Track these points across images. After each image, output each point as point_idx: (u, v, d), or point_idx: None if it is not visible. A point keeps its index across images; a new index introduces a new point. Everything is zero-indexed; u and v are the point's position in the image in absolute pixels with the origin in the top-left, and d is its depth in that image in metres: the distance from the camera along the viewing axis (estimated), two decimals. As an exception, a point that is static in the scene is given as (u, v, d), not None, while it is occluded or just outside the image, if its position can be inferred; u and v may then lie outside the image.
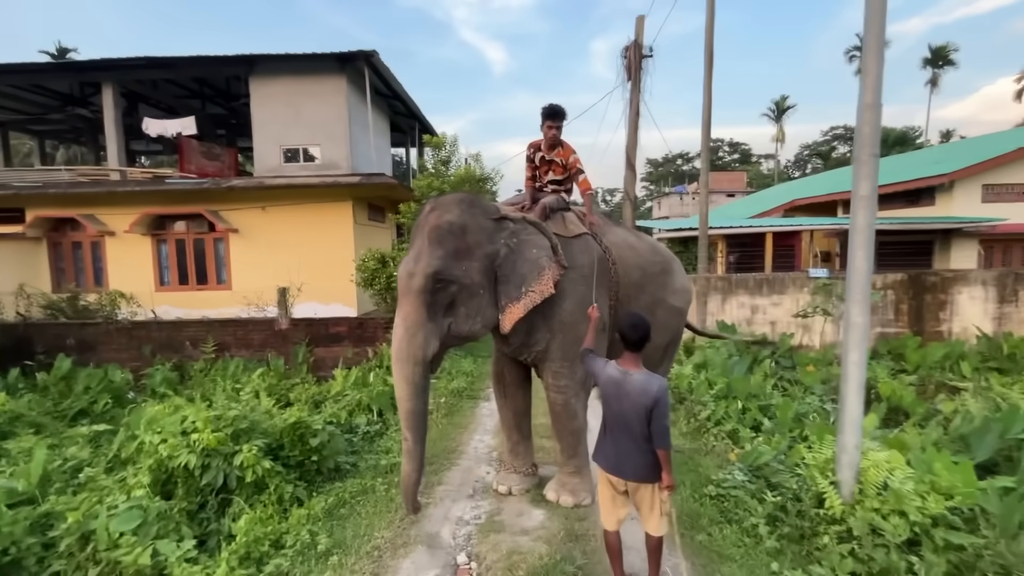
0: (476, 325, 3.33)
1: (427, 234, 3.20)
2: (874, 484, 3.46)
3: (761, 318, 11.44)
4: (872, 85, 3.32)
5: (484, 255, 3.30)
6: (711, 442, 5.61)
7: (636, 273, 3.98)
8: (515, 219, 3.51)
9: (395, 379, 3.19)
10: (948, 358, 9.43)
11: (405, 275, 3.18)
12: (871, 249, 3.43)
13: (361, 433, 5.54)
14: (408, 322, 3.14)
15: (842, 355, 3.61)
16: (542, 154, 4.02)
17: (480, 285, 3.29)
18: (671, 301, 4.37)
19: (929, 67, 38.47)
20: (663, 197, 48.83)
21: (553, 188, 4.08)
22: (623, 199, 11.13)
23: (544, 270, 3.35)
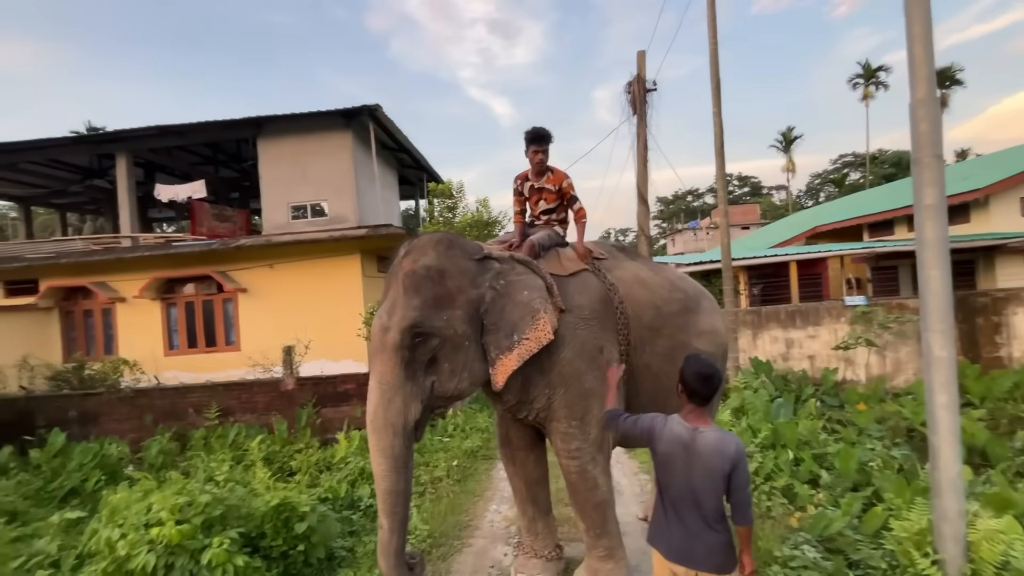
0: (463, 383, 2.84)
1: (401, 281, 2.76)
2: (991, 563, 2.73)
3: (798, 352, 10.60)
4: (924, 77, 2.86)
5: (467, 301, 2.84)
6: (764, 502, 4.84)
7: (649, 313, 3.37)
8: (501, 258, 3.06)
9: (371, 452, 2.72)
10: (1017, 387, 8.46)
11: (379, 330, 2.72)
12: (948, 267, 2.86)
13: (363, 508, 4.91)
14: (384, 384, 2.67)
15: (927, 398, 2.97)
16: (531, 183, 3.64)
17: (465, 336, 2.81)
18: (697, 344, 3.60)
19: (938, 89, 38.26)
20: (677, 234, 48.42)
21: (546, 219, 3.66)
22: (637, 236, 10.68)
23: (539, 313, 2.86)
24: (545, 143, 3.52)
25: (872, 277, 13.49)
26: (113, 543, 3.21)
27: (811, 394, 8.64)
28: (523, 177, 3.69)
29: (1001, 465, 5.47)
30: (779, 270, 13.25)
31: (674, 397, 3.73)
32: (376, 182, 12.67)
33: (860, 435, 6.95)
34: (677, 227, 52.30)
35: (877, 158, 46.55)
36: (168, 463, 7.23)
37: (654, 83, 9.80)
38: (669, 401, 3.53)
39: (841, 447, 5.62)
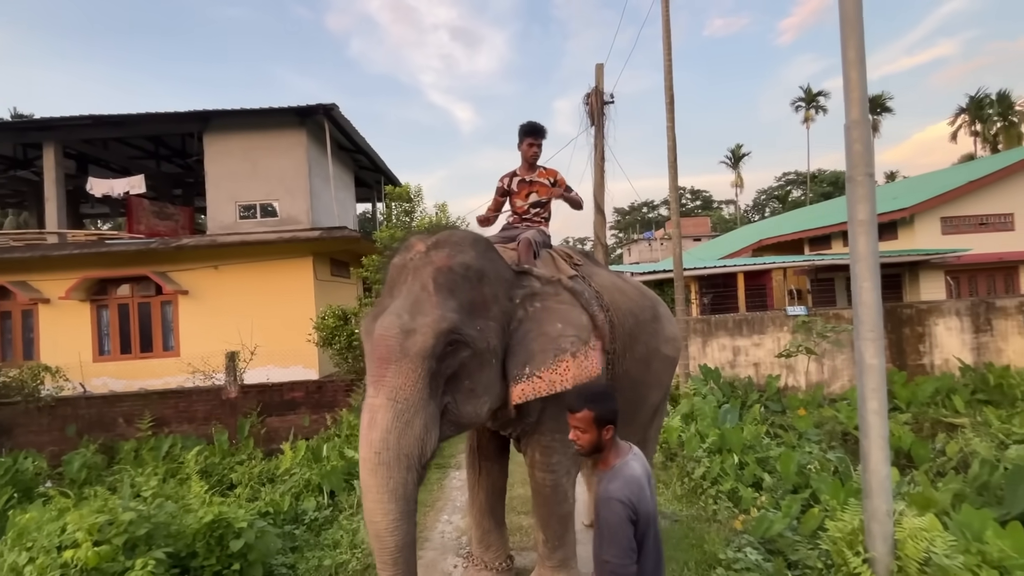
0: (483, 407, 2.42)
1: (431, 277, 2.32)
2: (915, 560, 2.88)
3: (744, 360, 11.04)
4: (858, 100, 3.03)
5: (501, 313, 2.50)
6: (710, 506, 4.95)
7: (630, 320, 3.32)
8: (543, 278, 2.75)
9: (372, 495, 2.05)
10: (938, 392, 9.12)
11: (397, 332, 2.17)
12: (877, 279, 3.02)
13: (308, 522, 4.70)
14: (401, 402, 2.10)
15: (859, 404, 3.11)
16: (520, 177, 3.56)
17: (495, 352, 2.43)
18: (665, 351, 3.71)
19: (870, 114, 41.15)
20: (632, 243, 49.68)
21: (535, 212, 3.59)
22: (594, 245, 10.86)
23: (564, 355, 2.47)
24: (541, 137, 3.48)
25: (812, 288, 14.26)
26: (20, 569, 2.91)
27: (756, 400, 9.00)
28: (511, 175, 3.61)
29: (924, 466, 5.85)
30: (728, 280, 13.80)
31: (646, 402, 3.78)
32: (331, 183, 12.32)
33: (800, 439, 7.29)
34: (633, 237, 53.66)
35: (816, 177, 49.49)
36: (92, 478, 6.70)
37: (611, 96, 10.02)
38: (642, 407, 3.66)
39: (782, 451, 5.86)
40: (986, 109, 33.22)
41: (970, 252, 13.60)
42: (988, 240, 14.29)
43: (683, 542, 4.10)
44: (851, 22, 3.04)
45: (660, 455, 6.43)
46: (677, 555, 3.82)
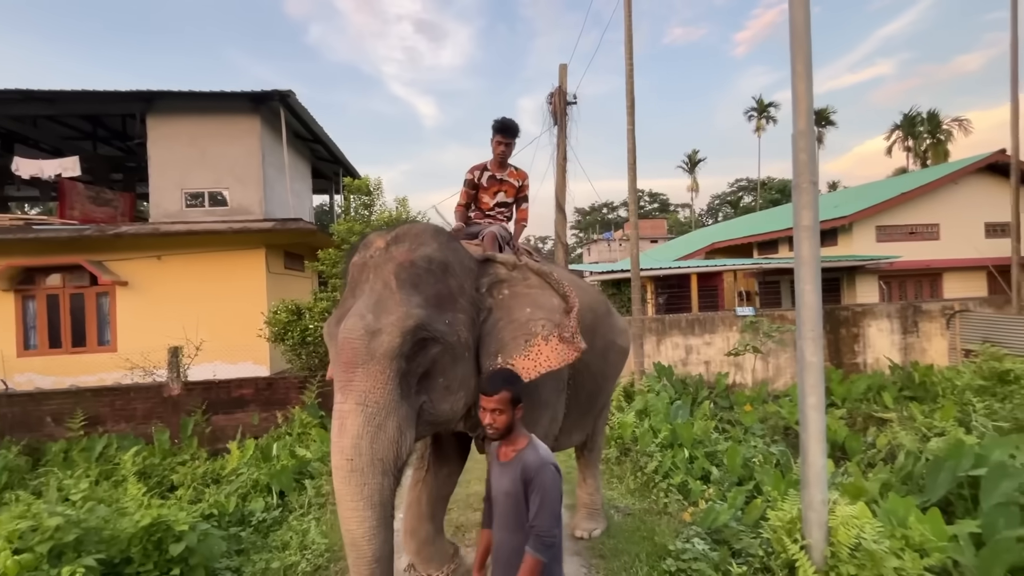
0: (459, 402, 2.34)
1: (393, 274, 2.25)
2: (846, 546, 3.07)
3: (695, 358, 11.44)
4: (804, 111, 3.18)
5: (470, 304, 2.45)
6: (661, 499, 5.12)
7: (589, 316, 3.37)
8: (507, 263, 2.72)
9: (346, 504, 1.97)
10: (870, 389, 9.75)
11: (362, 334, 2.08)
12: (818, 282, 3.20)
13: (255, 524, 4.53)
14: (371, 406, 2.02)
15: (799, 400, 3.29)
16: (491, 173, 3.52)
17: (466, 345, 2.36)
18: (619, 342, 3.93)
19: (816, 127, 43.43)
20: (592, 243, 50.50)
21: (499, 211, 3.58)
22: (555, 244, 10.97)
23: (535, 340, 2.40)
24: (511, 135, 3.42)
25: (760, 290, 14.93)
26: (-73, 580, 2.67)
27: (706, 396, 9.35)
28: (481, 168, 3.54)
29: (856, 458, 6.24)
30: (682, 281, 14.25)
31: (603, 393, 3.89)
32: (286, 173, 11.89)
33: (746, 434, 7.64)
34: (593, 237, 54.55)
35: (766, 184, 51.84)
36: (14, 482, 6.21)
37: (574, 96, 10.14)
38: (599, 398, 3.79)
39: (729, 445, 6.11)
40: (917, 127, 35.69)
41: (901, 259, 14.60)
42: (917, 248, 15.37)
43: (635, 535, 4.22)
44: (800, 37, 3.19)
45: (615, 450, 6.59)
46: (629, 548, 3.93)
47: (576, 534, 4.20)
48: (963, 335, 12.45)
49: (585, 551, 3.95)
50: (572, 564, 3.80)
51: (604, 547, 3.97)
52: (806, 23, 3.20)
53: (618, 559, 3.77)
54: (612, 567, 3.67)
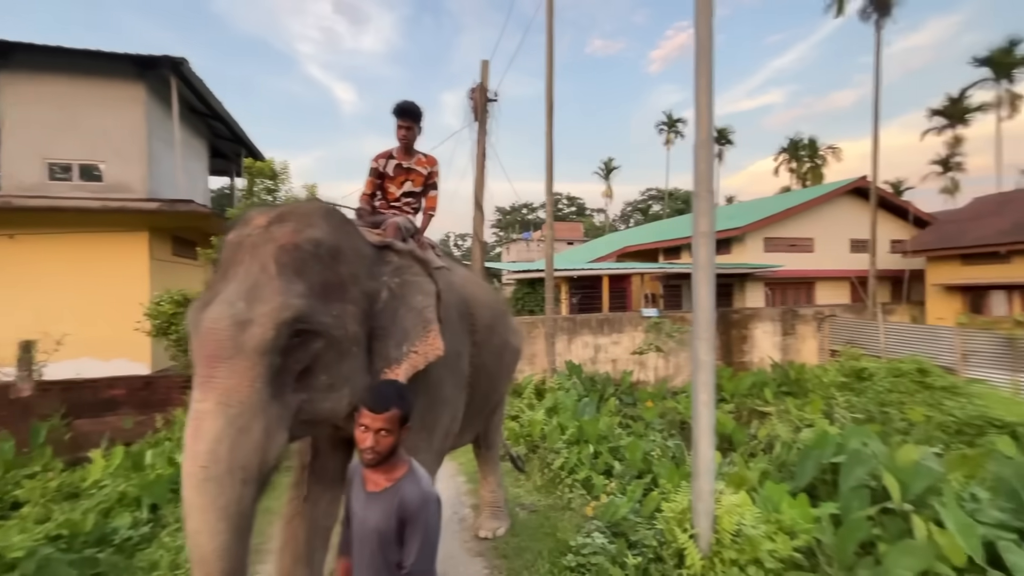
0: (342, 401, 2.14)
1: (273, 257, 1.99)
2: (729, 532, 3.30)
3: (604, 356, 11.92)
4: (704, 124, 3.37)
5: (363, 295, 2.24)
6: (567, 495, 5.22)
7: (487, 313, 3.41)
8: (400, 250, 2.57)
9: (195, 515, 1.73)
10: (755, 386, 10.72)
11: (229, 324, 1.85)
12: (713, 285, 3.40)
13: (118, 543, 3.98)
14: (234, 406, 1.80)
15: (692, 396, 3.48)
16: (397, 162, 3.29)
17: (356, 340, 2.16)
18: (513, 342, 3.94)
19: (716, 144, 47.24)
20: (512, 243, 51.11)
21: (405, 202, 3.38)
22: (473, 241, 10.90)
23: (431, 324, 2.40)
24: (412, 119, 3.20)
25: (664, 293, 15.91)
26: None
27: (612, 393, 9.75)
28: (386, 156, 3.31)
29: (741, 448, 6.78)
30: (595, 283, 14.81)
31: (496, 393, 3.84)
32: (176, 149, 10.70)
33: (647, 428, 8.05)
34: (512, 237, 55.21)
35: (673, 194, 55.55)
36: None
37: (495, 94, 10.13)
38: (492, 398, 3.70)
39: (631, 440, 6.39)
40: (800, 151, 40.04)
41: (783, 268, 16.26)
42: (796, 259, 17.21)
43: (539, 532, 4.26)
44: (704, 54, 3.37)
45: (524, 447, 6.64)
46: (532, 545, 3.96)
47: (480, 534, 4.16)
48: (830, 337, 14.12)
49: (488, 551, 3.91)
50: (475, 565, 3.75)
51: (507, 546, 3.96)
52: (709, 42, 3.39)
53: (520, 557, 3.77)
54: (514, 566, 3.67)
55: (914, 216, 18.98)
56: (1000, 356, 10.35)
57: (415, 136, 3.27)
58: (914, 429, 7.54)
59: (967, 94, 30.53)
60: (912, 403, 8.39)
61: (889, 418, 8.12)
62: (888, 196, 18.96)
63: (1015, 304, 14.20)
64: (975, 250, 15.14)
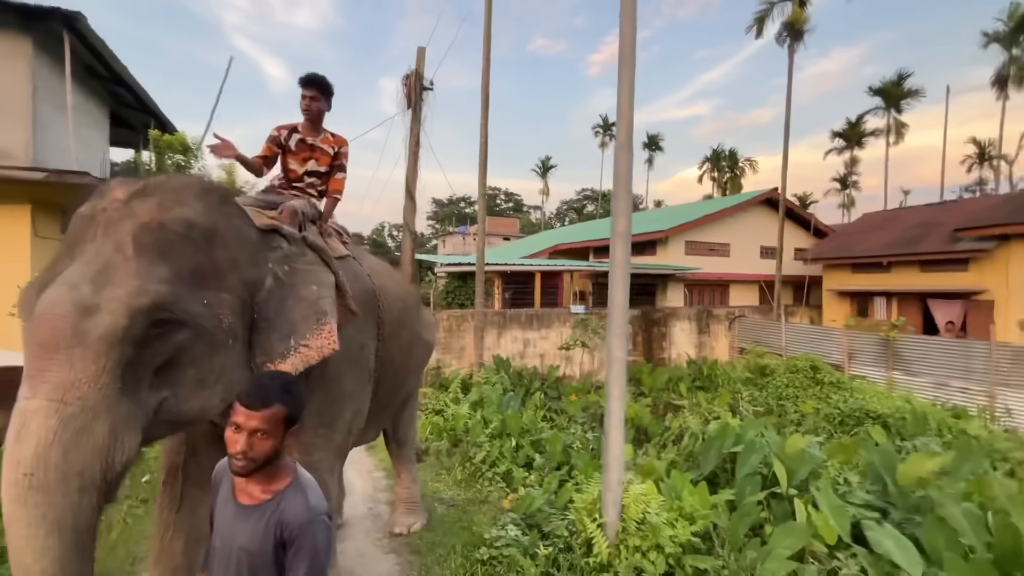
0: (213, 399, 1.94)
1: (131, 236, 1.75)
2: (635, 520, 3.45)
3: (532, 351, 12.11)
4: (625, 127, 3.48)
5: (243, 283, 2.03)
6: (486, 488, 5.26)
7: (398, 306, 3.30)
8: (290, 236, 2.36)
9: (19, 530, 1.49)
10: (671, 380, 11.35)
11: (69, 310, 1.61)
12: (627, 284, 3.53)
13: None
14: (71, 404, 1.56)
15: (606, 391, 3.60)
16: (301, 136, 3.02)
17: (232, 332, 1.95)
18: (425, 336, 3.87)
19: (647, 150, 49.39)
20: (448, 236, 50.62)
21: (308, 183, 3.09)
22: (403, 231, 10.64)
23: (325, 317, 2.21)
24: (318, 89, 2.96)
25: (593, 291, 16.41)
26: None
27: (538, 388, 9.92)
28: (290, 128, 3.04)
29: (654, 440, 7.14)
30: (528, 278, 14.99)
31: (403, 388, 3.69)
32: (69, 114, 9.56)
33: (569, 422, 8.28)
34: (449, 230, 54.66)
35: (607, 195, 57.37)
36: None
37: (431, 83, 9.91)
38: (399, 394, 3.59)
39: (552, 433, 6.53)
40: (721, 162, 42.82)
41: (701, 270, 17.30)
42: (713, 262, 18.38)
43: (455, 526, 4.25)
44: (627, 59, 3.48)
45: (447, 441, 6.61)
46: (446, 540, 3.94)
47: (395, 531, 4.09)
48: (740, 336, 15.22)
49: (401, 547, 3.85)
50: (386, 562, 3.68)
51: (421, 542, 3.92)
52: (632, 47, 3.50)
53: (433, 552, 3.75)
54: (426, 561, 3.64)
55: (815, 227, 20.88)
56: (879, 355, 11.64)
57: (322, 110, 3.04)
58: (805, 420, 8.31)
59: (863, 120, 34.03)
60: (805, 397, 9.24)
61: (785, 410, 8.90)
62: (794, 208, 20.70)
63: (893, 309, 16.03)
64: (863, 260, 16.91)
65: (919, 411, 7.71)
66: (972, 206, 16.94)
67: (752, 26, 17.78)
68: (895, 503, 3.89)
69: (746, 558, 3.34)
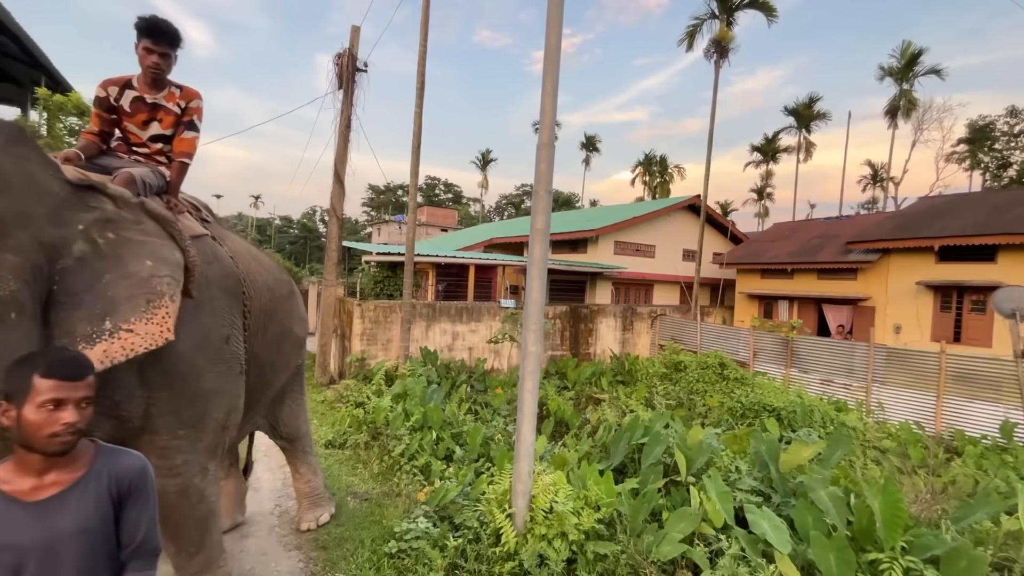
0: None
1: None
2: (543, 509, 3.57)
3: (461, 344, 12.09)
4: (547, 127, 3.55)
5: (34, 243, 1.70)
6: (403, 481, 5.21)
7: (266, 295, 3.02)
8: (120, 198, 2.01)
9: None
10: (594, 375, 11.76)
11: None
12: (544, 280, 3.62)
13: None
14: None
15: (519, 384, 3.68)
16: (137, 94, 2.56)
17: (14, 303, 1.60)
18: (297, 331, 3.59)
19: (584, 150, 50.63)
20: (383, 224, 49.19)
21: (157, 148, 2.66)
22: (330, 216, 10.22)
23: (161, 300, 1.91)
24: (166, 41, 2.49)
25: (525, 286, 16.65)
26: None
27: (464, 380, 9.93)
28: (122, 83, 2.55)
29: (573, 431, 7.39)
30: (462, 271, 14.93)
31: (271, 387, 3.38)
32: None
33: (494, 415, 8.36)
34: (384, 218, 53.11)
35: (544, 192, 58.19)
36: None
37: (365, 64, 9.58)
38: (267, 392, 3.36)
39: (473, 426, 6.57)
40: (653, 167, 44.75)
41: (628, 270, 18.04)
42: (639, 262, 19.22)
43: (366, 520, 4.18)
44: (551, 59, 3.55)
45: (365, 434, 6.46)
46: (355, 533, 3.88)
47: (302, 527, 3.96)
48: (660, 333, 16.05)
49: (306, 543, 3.74)
50: (290, 560, 3.56)
51: (328, 537, 3.83)
52: (557, 47, 3.57)
53: (341, 547, 3.67)
54: (332, 557, 3.56)
55: (732, 234, 22.40)
56: (779, 354, 12.73)
57: (170, 67, 2.57)
58: (711, 413, 8.93)
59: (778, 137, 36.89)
60: (712, 391, 9.92)
61: (694, 404, 9.51)
62: (715, 215, 22.08)
63: (794, 312, 17.59)
64: (770, 266, 18.39)
65: (807, 405, 8.52)
66: (863, 221, 18.88)
67: (683, 39, 18.67)
68: (776, 488, 4.29)
69: (643, 542, 3.55)
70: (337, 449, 6.23)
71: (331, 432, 6.57)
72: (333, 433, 6.54)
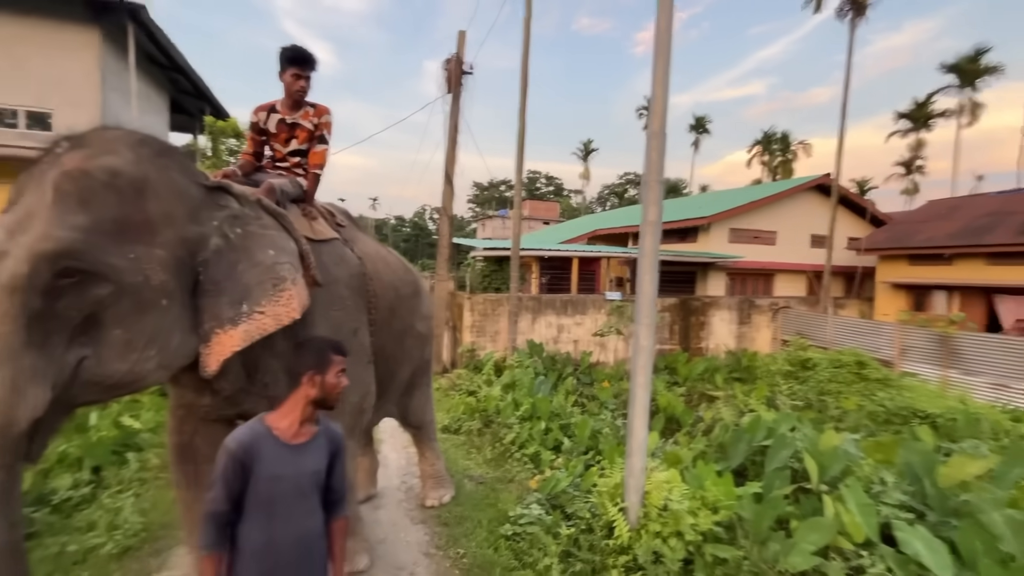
0: (147, 363, 1.84)
1: (54, 184, 1.71)
2: (656, 507, 3.50)
3: (566, 337, 12.16)
4: (659, 114, 3.44)
5: (179, 240, 1.93)
6: (514, 468, 5.41)
7: (391, 294, 3.25)
8: (243, 197, 2.25)
9: None
10: (707, 371, 11.15)
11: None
12: (656, 274, 3.52)
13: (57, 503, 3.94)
14: None
15: (630, 379, 3.63)
16: (281, 116, 2.95)
17: (163, 291, 1.85)
18: (419, 328, 3.78)
19: (694, 132, 47.75)
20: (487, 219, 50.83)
21: (295, 161, 3.03)
22: (441, 215, 10.83)
23: (285, 283, 2.12)
24: (310, 67, 2.88)
25: (631, 277, 16.22)
26: None
27: (570, 373, 9.99)
28: (268, 108, 2.96)
29: (685, 429, 7.10)
30: (565, 264, 14.97)
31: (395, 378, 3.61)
32: (133, 101, 10.20)
33: (600, 408, 8.32)
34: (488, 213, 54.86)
35: (649, 180, 55.96)
36: None
37: (471, 67, 9.96)
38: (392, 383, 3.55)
39: (581, 418, 6.61)
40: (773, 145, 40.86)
41: (744, 259, 16.75)
42: (758, 250, 17.73)
43: (482, 502, 4.42)
44: (662, 45, 3.42)
45: (478, 421, 6.79)
46: (473, 514, 4.12)
47: (427, 504, 4.30)
48: (783, 327, 14.72)
49: (431, 519, 4.05)
50: (417, 532, 3.89)
51: (450, 515, 4.11)
52: (668, 32, 3.43)
53: (461, 525, 3.93)
54: (454, 533, 3.82)
55: (871, 215, 19.75)
56: (933, 352, 11.03)
57: (309, 88, 2.94)
58: (847, 417, 8.03)
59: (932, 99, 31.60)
60: (848, 392, 8.90)
61: (826, 406, 8.61)
62: (849, 195, 19.62)
63: (954, 304, 15.07)
64: (922, 251, 15.92)
65: (972, 413, 7.30)
66: (1052, 194, 15.60)
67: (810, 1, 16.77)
68: (932, 505, 3.76)
69: (769, 550, 3.33)
70: (452, 434, 6.64)
71: (447, 418, 7.01)
72: (448, 419, 6.97)
